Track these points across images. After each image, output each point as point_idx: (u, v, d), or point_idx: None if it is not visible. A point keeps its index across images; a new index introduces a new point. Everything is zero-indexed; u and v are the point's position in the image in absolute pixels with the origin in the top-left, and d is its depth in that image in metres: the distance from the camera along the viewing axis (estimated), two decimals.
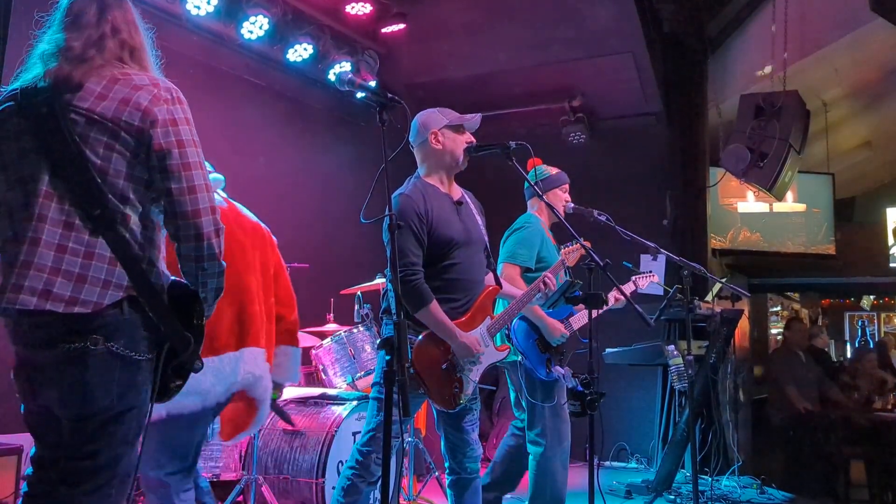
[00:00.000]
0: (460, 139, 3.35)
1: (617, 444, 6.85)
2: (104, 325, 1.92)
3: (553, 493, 3.94)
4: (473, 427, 3.35)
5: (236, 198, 5.51)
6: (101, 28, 2.10)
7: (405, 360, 2.22)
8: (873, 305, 13.60)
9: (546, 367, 3.91)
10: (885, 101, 8.28)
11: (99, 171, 1.96)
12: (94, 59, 2.05)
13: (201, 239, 2.02)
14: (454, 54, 6.74)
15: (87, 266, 1.93)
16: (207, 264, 2.05)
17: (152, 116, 2.00)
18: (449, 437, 3.34)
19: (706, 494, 5.12)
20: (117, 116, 1.98)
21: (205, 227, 2.02)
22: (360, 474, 3.13)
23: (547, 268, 3.95)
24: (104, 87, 2.00)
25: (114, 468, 1.97)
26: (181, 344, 2.02)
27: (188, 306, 2.04)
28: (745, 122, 6.27)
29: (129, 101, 2.00)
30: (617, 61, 6.74)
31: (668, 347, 5.19)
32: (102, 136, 1.97)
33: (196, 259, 2.04)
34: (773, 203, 8.07)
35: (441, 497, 4.73)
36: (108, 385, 1.93)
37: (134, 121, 1.98)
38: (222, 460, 3.91)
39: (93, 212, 1.94)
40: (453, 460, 3.34)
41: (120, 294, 1.95)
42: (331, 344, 4.56)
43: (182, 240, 2.03)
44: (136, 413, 2.00)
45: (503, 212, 4.14)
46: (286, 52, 5.81)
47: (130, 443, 2.01)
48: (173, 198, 2.01)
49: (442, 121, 3.34)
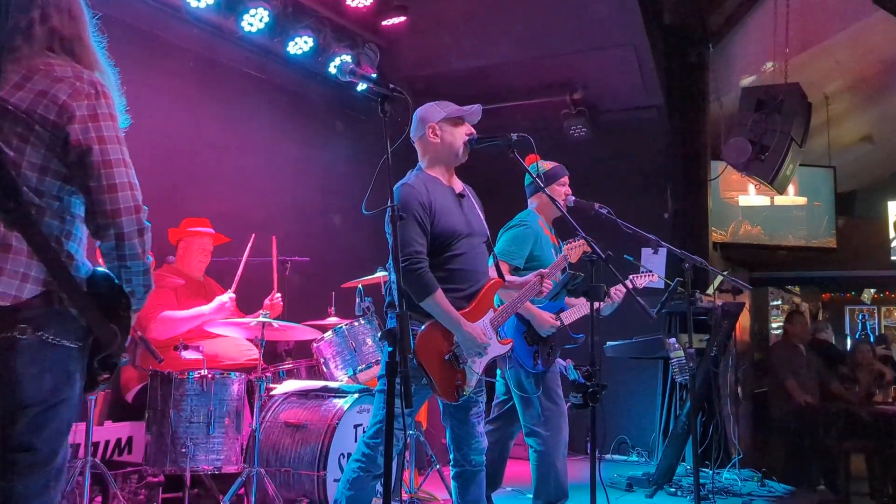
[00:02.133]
0: (459, 132, 3.34)
1: (618, 437, 6.86)
2: (32, 317, 1.89)
3: (556, 483, 3.95)
4: (479, 419, 3.35)
5: (237, 191, 5.53)
6: (30, 14, 2.00)
7: (408, 351, 2.22)
8: (874, 299, 13.59)
9: (533, 360, 3.91)
10: (886, 94, 8.26)
11: (12, 163, 1.89)
12: (21, 47, 1.97)
13: (122, 238, 1.97)
14: (455, 47, 6.72)
15: (4, 259, 1.88)
16: (130, 263, 2.01)
17: (70, 111, 1.92)
18: (454, 429, 3.35)
19: (707, 487, 5.13)
20: (32, 108, 1.90)
21: (125, 226, 1.96)
22: (367, 467, 3.14)
23: (539, 267, 3.95)
24: (22, 76, 1.92)
25: (51, 461, 1.93)
26: (106, 336, 1.98)
27: (114, 298, 2.01)
28: (747, 115, 6.26)
29: (46, 94, 1.92)
30: (618, 54, 6.72)
31: (670, 340, 5.20)
32: (16, 127, 1.89)
33: (118, 258, 2.00)
34: (774, 196, 8.06)
35: (442, 490, 4.74)
36: (41, 374, 1.89)
37: (50, 115, 1.91)
38: (224, 453, 3.91)
39: (6, 205, 1.87)
40: (458, 452, 3.34)
41: (39, 288, 1.91)
42: (332, 337, 4.56)
43: (102, 238, 1.99)
44: (70, 404, 1.96)
45: (502, 210, 4.14)
46: (286, 44, 5.79)
47: (65, 434, 1.98)
48: (92, 196, 1.95)
49: (439, 114, 3.33)
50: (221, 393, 3.94)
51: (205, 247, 4.77)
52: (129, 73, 4.53)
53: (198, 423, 3.85)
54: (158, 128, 4.92)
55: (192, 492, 3.92)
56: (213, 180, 5.34)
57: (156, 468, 3.83)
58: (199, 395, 3.88)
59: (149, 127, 4.93)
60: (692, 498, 4.43)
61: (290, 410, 4.16)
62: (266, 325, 3.98)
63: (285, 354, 5.08)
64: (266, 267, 4.76)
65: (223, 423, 3.92)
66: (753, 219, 8.21)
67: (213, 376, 3.92)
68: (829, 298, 13.74)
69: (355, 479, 3.16)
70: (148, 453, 3.91)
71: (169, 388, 3.87)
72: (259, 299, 4.73)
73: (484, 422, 3.42)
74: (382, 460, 3.08)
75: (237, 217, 5.21)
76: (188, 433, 3.82)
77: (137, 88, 4.70)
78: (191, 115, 5.32)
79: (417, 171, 3.35)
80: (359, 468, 3.15)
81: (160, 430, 3.86)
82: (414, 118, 3.38)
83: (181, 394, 3.86)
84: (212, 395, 3.90)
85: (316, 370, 4.67)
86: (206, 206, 4.97)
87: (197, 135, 5.33)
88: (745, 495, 5.21)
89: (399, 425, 2.90)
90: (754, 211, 8.22)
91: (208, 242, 4.79)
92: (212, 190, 5.26)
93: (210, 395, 3.89)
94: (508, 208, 4.24)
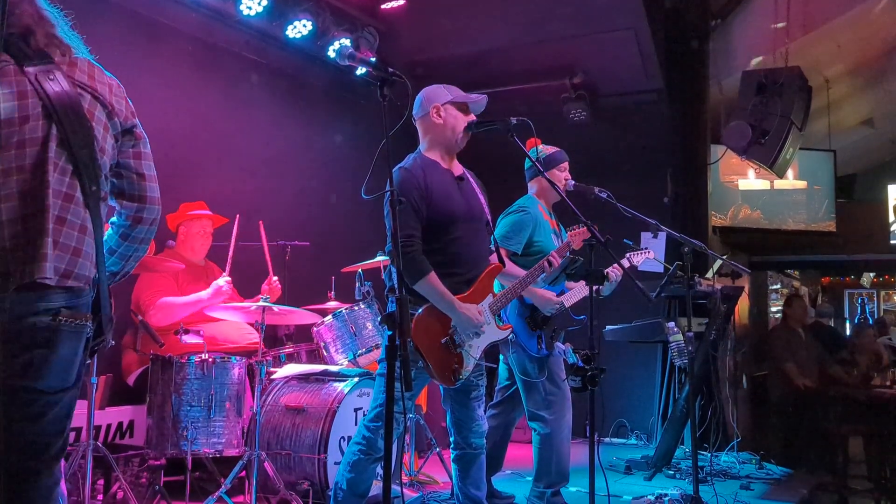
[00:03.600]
0: (462, 117, 3.34)
1: (617, 420, 6.88)
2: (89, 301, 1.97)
3: (558, 467, 3.98)
4: (479, 403, 3.37)
5: (236, 175, 5.52)
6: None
7: (408, 335, 2.23)
8: (873, 283, 13.62)
9: (537, 344, 3.93)
10: (887, 77, 8.24)
11: (100, 148, 2.01)
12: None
13: (145, 223, 2.18)
14: (454, 31, 6.69)
15: (82, 241, 1.95)
16: (142, 246, 2.21)
17: (131, 108, 2.16)
18: (455, 413, 3.37)
19: (705, 470, 5.16)
20: (108, 100, 2.07)
21: (153, 213, 2.21)
22: (367, 450, 3.16)
23: (539, 252, 3.97)
24: (84, 70, 2.06)
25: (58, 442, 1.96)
26: (109, 322, 2.06)
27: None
28: (747, 99, 6.25)
29: (111, 88, 2.11)
30: (618, 37, 6.69)
31: (669, 324, 5.21)
32: (102, 115, 2.04)
33: (142, 241, 2.19)
34: (774, 180, 8.05)
35: (442, 472, 4.77)
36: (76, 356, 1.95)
37: (121, 107, 2.10)
38: (224, 436, 3.93)
39: (91, 188, 1.97)
40: (458, 435, 3.36)
41: (95, 272, 2.00)
42: (332, 321, 4.57)
43: (142, 222, 2.17)
44: (78, 387, 2.01)
45: (502, 196, 4.13)
46: (285, 28, 5.76)
47: (71, 417, 2.02)
48: (146, 182, 2.17)
49: (446, 96, 3.33)
50: (222, 377, 3.95)
51: (205, 229, 4.76)
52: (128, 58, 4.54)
53: (199, 406, 3.87)
54: (157, 112, 4.90)
55: (193, 475, 3.95)
56: (212, 165, 5.33)
57: (157, 451, 3.86)
58: (200, 379, 3.89)
59: (147, 111, 4.89)
60: (690, 480, 4.45)
61: (290, 394, 4.18)
62: (266, 309, 3.99)
63: (285, 339, 5.09)
64: (260, 251, 4.76)
65: (224, 407, 3.94)
66: (753, 203, 8.20)
67: (213, 360, 3.94)
68: (829, 282, 13.76)
69: (356, 461, 3.18)
70: (149, 437, 3.93)
71: (170, 372, 3.88)
72: (257, 284, 4.74)
73: (485, 406, 3.44)
74: (382, 443, 3.11)
75: (236, 201, 5.20)
76: (189, 417, 3.84)
77: (136, 73, 4.72)
78: (189, 99, 5.30)
79: (416, 155, 3.35)
80: (359, 451, 3.17)
81: (161, 413, 3.88)
82: (419, 97, 3.38)
83: (182, 377, 3.88)
84: (213, 379, 3.91)
85: (316, 354, 4.68)
86: (206, 191, 4.96)
87: (196, 119, 5.31)
88: (744, 478, 5.23)
89: (399, 409, 2.92)
90: (754, 195, 8.21)
91: (208, 225, 4.78)
92: (211, 174, 5.25)
93: (211, 379, 3.91)
94: (508, 194, 4.24)
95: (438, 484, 4.81)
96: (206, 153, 5.33)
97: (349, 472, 3.19)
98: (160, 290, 4.42)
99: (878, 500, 6.26)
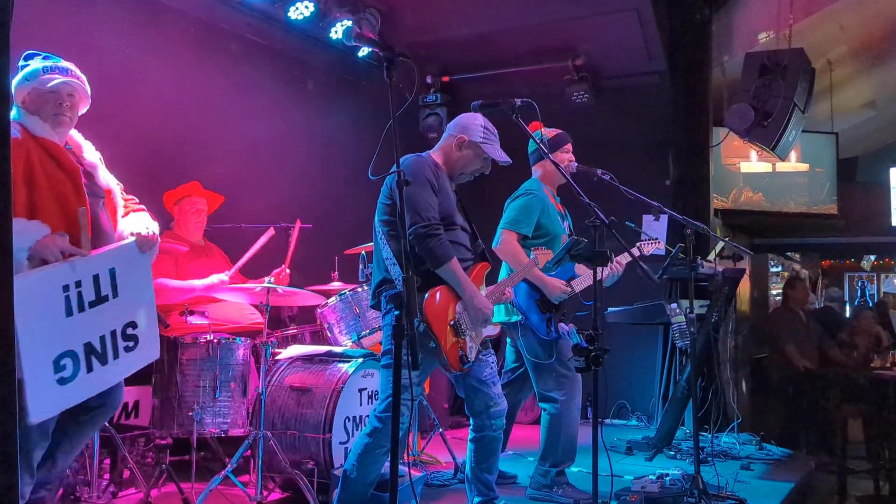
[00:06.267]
0: (478, 163, 3.46)
1: (618, 401, 6.92)
2: None
3: (565, 446, 4.03)
4: (494, 380, 3.41)
5: (238, 158, 5.51)
6: None
7: (414, 315, 2.25)
8: (873, 266, 13.62)
9: (547, 327, 3.95)
10: (890, 60, 8.20)
11: None
12: None
13: None
14: (456, 12, 6.65)
15: None
16: None
17: None
18: (470, 397, 3.40)
19: (706, 451, 5.19)
20: None
21: None
22: (378, 441, 3.18)
23: (547, 236, 4.02)
24: None
25: None
26: None
27: None
28: (750, 81, 6.22)
29: None
30: (620, 19, 6.66)
31: (671, 306, 5.23)
32: None
33: None
34: (776, 163, 8.03)
35: (444, 453, 4.80)
36: None
37: None
38: (230, 416, 3.96)
39: None
40: (478, 418, 3.40)
41: None
42: (336, 302, 4.59)
43: None
44: None
45: (504, 181, 4.14)
46: (287, 10, 5.74)
47: None
48: None
49: (478, 136, 3.41)
50: (227, 357, 3.98)
51: (198, 207, 4.78)
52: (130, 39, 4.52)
53: (204, 387, 3.90)
54: (158, 94, 4.90)
55: (199, 454, 3.98)
56: (213, 146, 5.32)
57: (163, 431, 3.89)
58: (206, 360, 3.92)
59: (149, 93, 4.91)
60: (691, 461, 4.49)
61: (295, 374, 4.20)
62: (271, 290, 4.01)
63: (289, 320, 5.11)
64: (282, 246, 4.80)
65: (229, 387, 3.97)
66: (755, 185, 8.19)
67: (218, 341, 3.96)
68: (829, 265, 13.77)
69: (365, 452, 3.21)
70: (155, 417, 3.96)
71: (175, 353, 3.91)
72: (266, 268, 4.74)
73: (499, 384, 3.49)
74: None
75: (238, 183, 5.21)
76: (195, 397, 3.87)
77: (138, 54, 4.71)
78: (191, 81, 5.29)
79: (425, 153, 3.44)
80: (370, 441, 3.20)
81: (167, 394, 3.91)
82: (459, 117, 3.49)
83: (187, 358, 3.91)
84: (218, 360, 3.94)
85: (320, 335, 4.70)
86: (206, 173, 4.96)
87: (197, 101, 5.30)
88: (744, 458, 5.27)
89: (408, 397, 2.95)
90: (756, 177, 8.19)
91: (201, 203, 4.80)
92: (213, 156, 5.24)
93: (216, 360, 3.94)
94: (511, 179, 4.25)
95: (441, 464, 4.84)
96: (207, 134, 5.32)
97: (359, 461, 3.22)
98: (158, 271, 4.43)
99: (877, 480, 6.30)
